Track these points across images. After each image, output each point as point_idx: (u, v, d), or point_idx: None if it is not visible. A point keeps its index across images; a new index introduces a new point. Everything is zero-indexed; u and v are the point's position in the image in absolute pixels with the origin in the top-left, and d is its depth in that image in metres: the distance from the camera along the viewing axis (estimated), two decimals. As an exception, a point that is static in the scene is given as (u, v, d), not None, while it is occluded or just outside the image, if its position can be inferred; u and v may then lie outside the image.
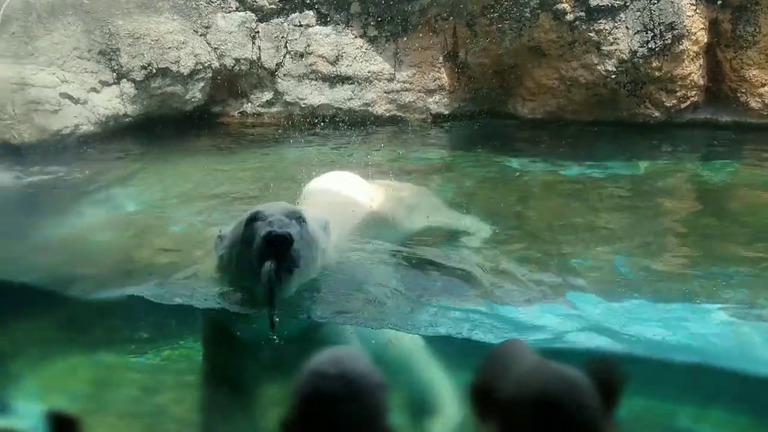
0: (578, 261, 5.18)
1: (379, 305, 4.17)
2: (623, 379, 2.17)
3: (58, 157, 7.19)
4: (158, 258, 5.26)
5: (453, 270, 4.63)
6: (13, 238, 5.36)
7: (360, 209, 5.01)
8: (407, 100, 9.42)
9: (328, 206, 4.74)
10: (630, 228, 5.94)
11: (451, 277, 4.54)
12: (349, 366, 2.09)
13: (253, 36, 9.43)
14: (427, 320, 4.11)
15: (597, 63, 8.65)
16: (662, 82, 8.63)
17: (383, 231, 4.92)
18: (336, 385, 2.04)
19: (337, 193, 5.06)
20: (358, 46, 9.36)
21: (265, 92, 9.66)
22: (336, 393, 2.02)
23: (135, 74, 8.63)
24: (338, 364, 2.09)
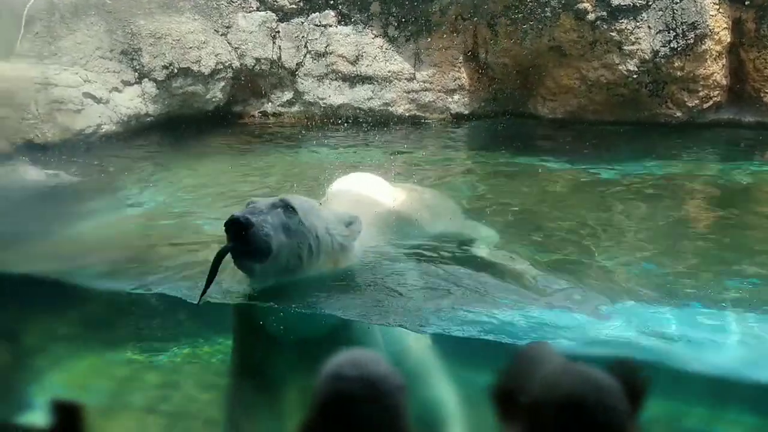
0: (600, 263, 5.13)
1: (399, 304, 4.16)
2: (647, 382, 2.16)
3: (80, 156, 7.25)
4: (179, 256, 5.27)
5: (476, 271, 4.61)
6: (36, 235, 5.40)
7: (384, 210, 5.00)
8: (427, 99, 9.41)
9: (353, 206, 4.73)
10: (653, 230, 5.88)
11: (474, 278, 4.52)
12: (369, 368, 2.08)
13: (273, 36, 9.47)
14: (448, 320, 4.09)
15: (618, 63, 8.60)
16: (684, 82, 8.56)
17: (407, 232, 4.91)
18: (356, 386, 2.03)
19: (361, 194, 5.05)
20: (378, 46, 9.36)
21: (286, 92, 9.70)
22: (356, 395, 2.02)
23: (156, 74, 8.69)
24: (358, 366, 2.09)
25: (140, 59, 8.61)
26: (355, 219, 4.26)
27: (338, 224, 4.22)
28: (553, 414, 1.95)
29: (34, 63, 7.76)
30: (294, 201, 4.06)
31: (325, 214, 4.24)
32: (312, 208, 4.18)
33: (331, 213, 4.29)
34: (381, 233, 4.71)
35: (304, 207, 4.09)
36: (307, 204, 4.18)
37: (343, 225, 4.23)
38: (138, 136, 8.41)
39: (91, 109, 7.86)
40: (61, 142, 7.30)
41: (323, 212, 4.25)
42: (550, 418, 1.95)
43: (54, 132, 7.32)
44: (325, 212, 4.27)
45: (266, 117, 9.78)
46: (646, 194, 6.77)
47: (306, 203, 4.17)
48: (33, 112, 7.22)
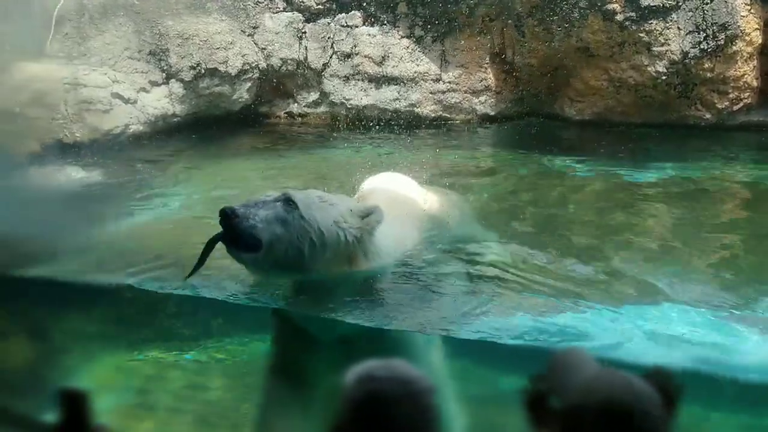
0: (627, 267, 5.08)
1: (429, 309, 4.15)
2: (681, 389, 2.14)
3: (109, 156, 7.31)
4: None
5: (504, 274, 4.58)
6: (66, 234, 5.44)
7: (417, 210, 4.96)
8: (453, 100, 9.38)
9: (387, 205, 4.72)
10: (682, 234, 5.82)
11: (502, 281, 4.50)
12: (399, 369, 2.09)
13: (300, 36, 9.48)
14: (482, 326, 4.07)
15: (647, 64, 8.51)
16: (714, 84, 8.46)
17: (438, 233, 4.88)
18: (388, 386, 2.02)
19: (394, 192, 5.00)
20: (404, 47, 9.35)
21: (312, 92, 9.71)
22: (388, 394, 2.01)
23: (184, 74, 8.74)
24: (388, 368, 2.09)
25: (168, 60, 8.67)
26: (374, 209, 4.16)
27: (351, 217, 4.11)
28: (590, 420, 1.94)
29: (64, 63, 7.83)
30: (296, 195, 4.04)
31: (337, 207, 4.14)
32: (316, 201, 4.10)
33: (346, 206, 4.19)
34: (417, 232, 4.68)
35: (306, 200, 4.05)
36: (311, 197, 4.11)
37: (357, 217, 4.13)
38: (165, 136, 8.46)
39: (119, 109, 7.93)
40: (89, 142, 7.37)
41: (335, 206, 4.14)
42: (587, 424, 1.94)
43: (83, 132, 7.40)
44: (339, 206, 4.16)
45: (292, 117, 9.80)
46: (675, 198, 6.71)
47: (309, 197, 4.11)
48: (62, 112, 7.30)
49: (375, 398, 2.02)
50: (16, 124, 6.09)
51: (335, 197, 4.25)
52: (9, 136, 5.47)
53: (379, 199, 4.86)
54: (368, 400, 2.02)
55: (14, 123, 6.04)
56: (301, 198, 4.03)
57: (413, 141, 8.75)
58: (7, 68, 6.40)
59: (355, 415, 2.03)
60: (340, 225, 4.08)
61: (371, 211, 4.16)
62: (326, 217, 4.05)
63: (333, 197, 4.22)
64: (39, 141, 6.63)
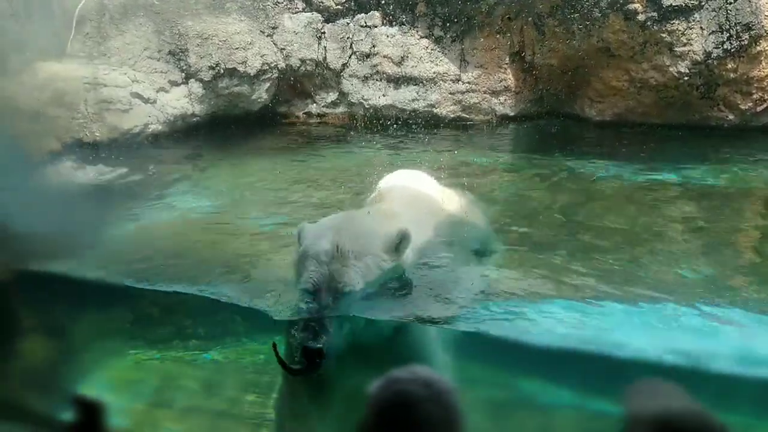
0: (648, 268, 5.03)
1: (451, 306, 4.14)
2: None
3: (128, 155, 7.35)
4: (224, 256, 5.30)
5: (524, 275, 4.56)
6: (86, 233, 5.47)
7: (437, 209, 4.94)
8: (472, 101, 9.34)
9: (407, 203, 4.70)
10: (703, 236, 5.75)
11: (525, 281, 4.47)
12: (422, 373, 2.15)
13: (319, 36, 9.48)
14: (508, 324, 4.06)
15: (669, 64, 8.42)
16: (737, 84, 8.36)
17: (458, 232, 4.86)
18: (413, 387, 2.08)
19: (413, 191, 4.99)
20: (423, 47, 9.32)
21: (330, 93, 9.71)
22: (414, 395, 2.06)
23: (203, 74, 8.77)
24: (411, 371, 2.15)
25: (187, 60, 8.70)
26: (404, 236, 4.13)
27: (387, 253, 4.10)
28: None
29: (85, 63, 7.88)
30: (345, 277, 3.92)
31: (372, 254, 4.07)
32: (351, 258, 3.99)
33: (379, 241, 4.12)
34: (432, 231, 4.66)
35: (355, 280, 3.95)
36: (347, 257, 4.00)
37: (391, 252, 4.11)
38: (184, 136, 8.50)
39: (138, 108, 7.98)
40: (109, 142, 7.42)
41: (369, 255, 4.06)
42: None
43: (103, 131, 7.44)
44: (372, 248, 4.09)
45: (310, 117, 9.80)
46: (697, 199, 6.63)
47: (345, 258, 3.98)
48: (83, 111, 7.34)
49: (400, 400, 2.06)
50: (37, 123, 6.13)
51: (364, 236, 4.14)
52: (31, 135, 5.50)
53: (396, 198, 4.84)
54: (393, 401, 2.07)
55: (36, 122, 6.07)
56: (350, 279, 3.93)
57: (431, 141, 8.73)
58: (29, 68, 6.44)
59: (381, 417, 2.07)
60: (381, 267, 4.08)
61: (402, 237, 4.13)
62: (369, 274, 4.02)
63: (363, 238, 4.12)
64: (59, 140, 6.67)
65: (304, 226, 4.21)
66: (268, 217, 6.16)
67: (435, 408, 2.05)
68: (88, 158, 6.92)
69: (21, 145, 5.02)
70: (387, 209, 4.63)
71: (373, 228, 4.19)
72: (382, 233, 4.13)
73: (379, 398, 2.09)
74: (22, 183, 4.88)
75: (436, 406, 2.05)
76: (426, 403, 2.04)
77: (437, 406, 2.05)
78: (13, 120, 5.10)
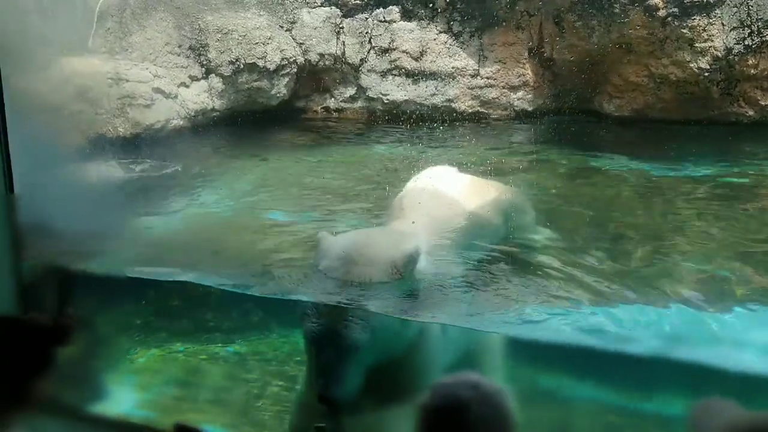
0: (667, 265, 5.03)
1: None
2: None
3: (150, 150, 7.40)
4: (247, 250, 5.36)
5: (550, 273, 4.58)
6: (109, 229, 5.53)
7: (460, 210, 4.95)
8: (491, 96, 9.35)
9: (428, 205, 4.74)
10: (723, 233, 5.74)
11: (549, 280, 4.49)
12: (469, 376, 2.17)
13: (337, 31, 9.51)
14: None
15: (689, 60, 8.40)
16: (758, 81, 8.33)
17: (483, 232, 4.88)
18: (463, 391, 2.08)
19: (437, 193, 5.01)
20: (442, 42, 9.34)
21: (349, 88, 9.74)
22: (465, 398, 2.06)
23: (223, 69, 8.81)
24: (459, 376, 2.17)
25: (207, 54, 8.75)
26: (413, 254, 4.16)
27: (398, 269, 4.15)
28: None
29: (106, 58, 7.94)
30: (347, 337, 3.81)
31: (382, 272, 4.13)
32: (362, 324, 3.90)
33: (388, 263, 4.15)
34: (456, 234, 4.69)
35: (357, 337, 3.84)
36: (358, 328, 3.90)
37: (402, 267, 4.14)
38: (204, 131, 8.54)
39: (160, 104, 8.03)
40: (132, 137, 7.47)
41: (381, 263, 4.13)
42: None
43: (125, 126, 7.49)
44: (381, 266, 4.14)
45: (329, 113, 9.83)
46: (716, 197, 6.61)
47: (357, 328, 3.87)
48: (105, 106, 7.40)
49: (449, 404, 2.08)
50: (62, 118, 6.19)
51: (374, 254, 4.19)
52: (55, 130, 5.56)
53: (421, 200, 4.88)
54: (443, 407, 2.09)
55: (60, 118, 6.13)
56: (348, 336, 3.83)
57: (450, 137, 8.74)
58: (53, 64, 6.49)
59: (432, 424, 2.10)
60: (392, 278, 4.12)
61: (411, 257, 4.15)
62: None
63: (374, 256, 4.17)
64: (83, 135, 6.73)
65: (323, 236, 4.25)
66: (290, 212, 6.20)
67: (485, 409, 2.06)
68: (112, 154, 6.98)
69: (47, 141, 5.07)
70: (402, 225, 4.66)
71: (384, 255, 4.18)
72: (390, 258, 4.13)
73: (428, 406, 2.11)
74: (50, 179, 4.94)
75: (487, 407, 2.07)
76: (476, 405, 2.06)
77: (487, 407, 2.07)
78: (40, 115, 5.15)
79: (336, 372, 3.73)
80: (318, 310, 3.82)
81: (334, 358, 3.75)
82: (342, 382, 3.72)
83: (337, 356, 3.75)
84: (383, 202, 5.71)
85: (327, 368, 3.74)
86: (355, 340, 3.77)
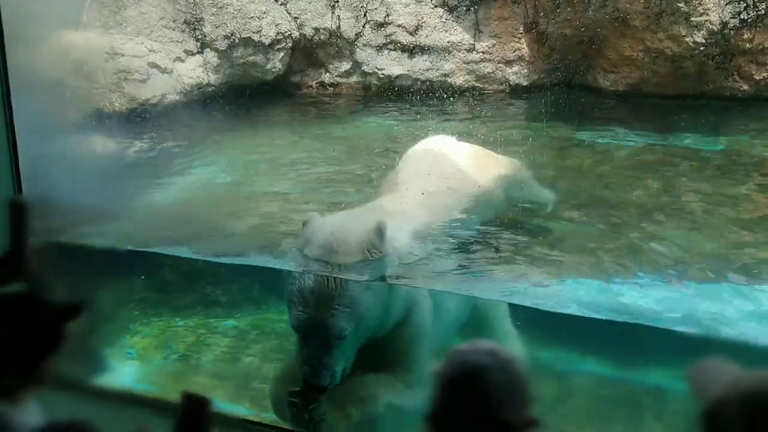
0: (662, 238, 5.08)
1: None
2: None
3: (146, 125, 7.39)
4: (243, 225, 5.38)
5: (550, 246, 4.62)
6: (108, 204, 5.55)
7: (458, 181, 4.96)
8: (486, 70, 9.34)
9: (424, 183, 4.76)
10: (716, 207, 5.78)
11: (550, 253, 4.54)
12: (484, 343, 2.17)
13: (332, 5, 9.45)
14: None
15: (685, 34, 8.39)
16: (753, 55, 8.33)
17: (482, 202, 4.91)
18: (479, 357, 2.10)
19: (435, 167, 5.01)
20: (438, 16, 9.30)
21: (344, 62, 9.70)
22: (481, 364, 2.08)
23: (218, 44, 8.77)
24: (475, 343, 2.17)
25: (202, 29, 8.70)
26: (379, 228, 4.13)
27: (372, 245, 4.13)
28: (733, 414, 1.92)
29: (101, 33, 7.87)
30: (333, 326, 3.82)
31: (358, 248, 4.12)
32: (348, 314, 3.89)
33: (358, 237, 4.15)
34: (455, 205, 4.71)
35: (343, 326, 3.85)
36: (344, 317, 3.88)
37: (374, 244, 4.13)
38: (200, 105, 8.52)
39: (156, 78, 8.00)
40: (128, 112, 7.45)
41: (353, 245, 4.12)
42: (731, 419, 1.92)
43: (121, 101, 7.47)
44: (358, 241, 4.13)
45: (324, 87, 9.81)
46: (711, 169, 6.66)
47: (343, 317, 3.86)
48: (101, 81, 7.37)
49: (466, 370, 2.09)
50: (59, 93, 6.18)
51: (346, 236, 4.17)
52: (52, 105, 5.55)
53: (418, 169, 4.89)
54: (460, 373, 2.09)
55: (57, 93, 6.12)
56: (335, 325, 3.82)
57: (445, 111, 8.75)
58: (49, 38, 6.46)
59: (449, 390, 2.10)
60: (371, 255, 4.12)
61: (377, 232, 4.13)
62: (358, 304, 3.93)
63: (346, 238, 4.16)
64: (80, 110, 6.71)
65: (311, 218, 4.22)
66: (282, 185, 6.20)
67: (502, 375, 2.07)
68: (109, 129, 6.96)
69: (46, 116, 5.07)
70: (395, 200, 4.67)
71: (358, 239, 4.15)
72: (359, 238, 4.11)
73: (445, 373, 2.12)
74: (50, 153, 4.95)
75: (504, 374, 2.07)
76: (493, 371, 2.06)
77: (504, 373, 2.08)
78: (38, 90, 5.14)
79: (322, 361, 3.73)
80: (304, 299, 3.79)
81: (319, 347, 3.75)
82: (328, 370, 3.74)
83: (323, 346, 3.75)
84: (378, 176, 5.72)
85: (313, 357, 3.76)
86: (340, 330, 3.76)
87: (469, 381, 2.07)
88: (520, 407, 2.07)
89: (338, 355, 3.80)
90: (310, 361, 3.76)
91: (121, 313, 5.36)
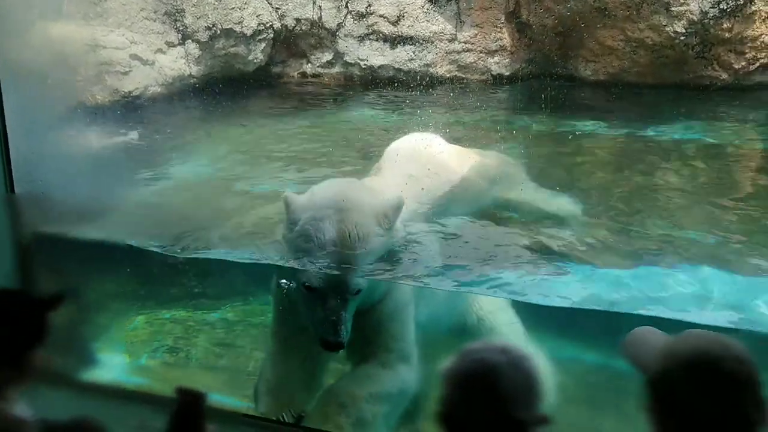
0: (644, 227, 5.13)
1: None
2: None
3: (129, 117, 7.34)
4: (227, 218, 5.37)
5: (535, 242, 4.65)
6: (91, 197, 5.52)
7: (440, 176, 4.98)
8: (468, 60, 9.37)
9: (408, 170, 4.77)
10: (695, 195, 5.85)
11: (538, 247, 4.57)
12: (495, 342, 2.19)
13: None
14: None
15: (665, 24, 8.47)
16: (732, 44, 8.43)
17: (463, 199, 4.93)
18: (491, 355, 2.09)
19: (418, 157, 5.01)
20: (419, 6, 9.31)
21: (325, 53, 9.70)
22: (493, 362, 2.07)
23: (199, 35, 8.74)
24: (486, 342, 2.18)
25: (183, 20, 8.67)
26: (399, 203, 4.12)
27: (383, 222, 4.10)
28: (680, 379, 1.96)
29: (82, 24, 7.80)
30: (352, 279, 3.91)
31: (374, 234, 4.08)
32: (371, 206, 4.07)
33: (373, 215, 4.09)
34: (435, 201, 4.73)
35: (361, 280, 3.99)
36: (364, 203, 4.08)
37: (385, 219, 4.11)
38: (181, 97, 8.48)
39: (138, 71, 7.96)
40: (110, 104, 7.40)
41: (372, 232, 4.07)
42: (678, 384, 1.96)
43: (103, 94, 7.42)
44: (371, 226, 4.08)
45: (305, 78, 9.80)
46: (691, 158, 6.73)
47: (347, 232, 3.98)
48: (83, 73, 7.31)
49: (479, 368, 2.08)
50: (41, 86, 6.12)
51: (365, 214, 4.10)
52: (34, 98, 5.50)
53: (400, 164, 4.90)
54: (472, 371, 2.08)
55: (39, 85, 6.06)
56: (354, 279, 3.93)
57: (428, 101, 8.77)
58: (31, 29, 6.39)
59: (460, 389, 2.09)
60: (384, 245, 4.12)
61: (397, 206, 4.13)
62: (376, 249, 4.07)
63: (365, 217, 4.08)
64: (62, 103, 6.65)
65: (290, 197, 4.11)
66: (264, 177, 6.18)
67: (515, 373, 2.06)
68: (91, 121, 6.92)
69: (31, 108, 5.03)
70: (379, 181, 4.66)
71: (371, 203, 4.14)
72: (378, 207, 4.10)
73: (456, 372, 2.10)
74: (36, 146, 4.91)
75: (516, 372, 2.06)
76: (505, 369, 2.05)
77: (516, 371, 2.06)
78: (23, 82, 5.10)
79: (340, 317, 3.82)
80: (325, 250, 3.88)
81: (338, 305, 3.84)
82: (346, 327, 3.84)
83: (341, 303, 3.85)
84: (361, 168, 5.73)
85: (332, 314, 3.83)
86: (357, 284, 3.87)
87: (481, 379, 2.06)
88: (532, 405, 2.07)
89: (351, 311, 3.90)
90: (329, 318, 3.82)
91: (109, 306, 5.36)
